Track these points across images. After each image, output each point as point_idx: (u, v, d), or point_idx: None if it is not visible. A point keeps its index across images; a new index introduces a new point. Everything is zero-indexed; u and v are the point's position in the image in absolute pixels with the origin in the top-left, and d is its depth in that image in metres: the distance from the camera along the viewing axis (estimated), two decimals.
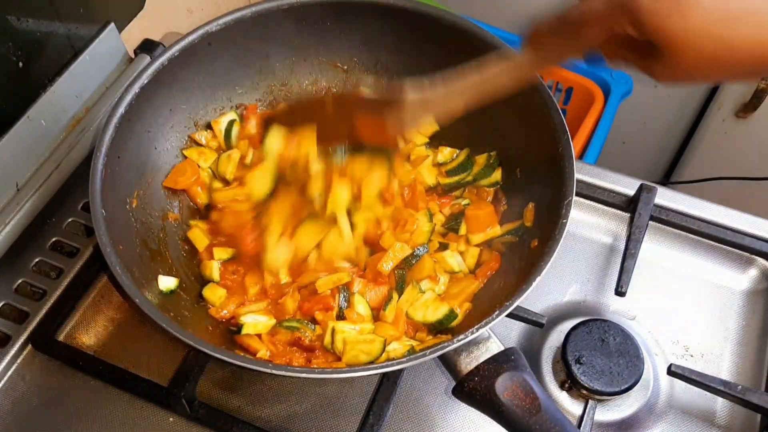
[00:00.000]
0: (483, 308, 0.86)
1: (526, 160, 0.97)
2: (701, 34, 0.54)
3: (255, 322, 0.88)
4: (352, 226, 0.92)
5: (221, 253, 0.94)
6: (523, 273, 0.85)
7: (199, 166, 1.01)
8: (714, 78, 0.58)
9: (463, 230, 0.97)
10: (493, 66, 0.76)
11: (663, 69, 0.58)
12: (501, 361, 0.76)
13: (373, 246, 0.95)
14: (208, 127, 1.05)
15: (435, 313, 0.88)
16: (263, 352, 0.85)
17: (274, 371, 0.73)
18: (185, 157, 1.01)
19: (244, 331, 0.86)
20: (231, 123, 1.04)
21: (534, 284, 0.77)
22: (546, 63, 0.74)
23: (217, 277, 0.93)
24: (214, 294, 0.92)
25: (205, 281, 0.94)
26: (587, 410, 0.90)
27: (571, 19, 0.64)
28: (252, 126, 1.05)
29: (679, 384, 0.93)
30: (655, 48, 0.57)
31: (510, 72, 0.75)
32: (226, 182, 1.01)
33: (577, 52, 0.68)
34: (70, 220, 1.05)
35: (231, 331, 0.88)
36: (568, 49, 0.69)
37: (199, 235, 0.96)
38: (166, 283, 0.89)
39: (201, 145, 1.03)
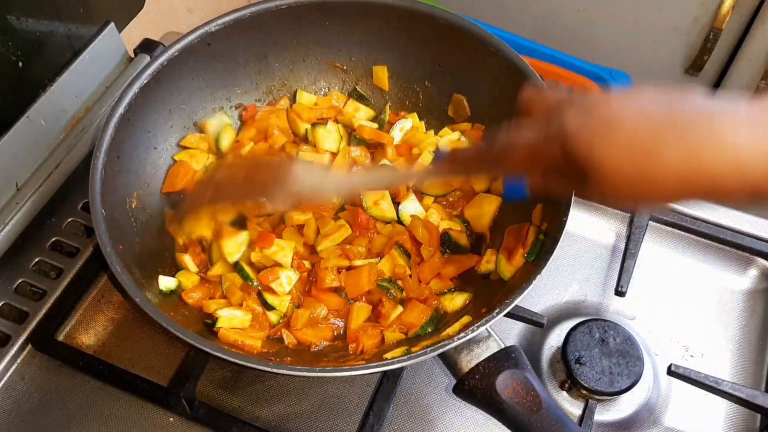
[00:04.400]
0: (483, 306, 0.86)
1: None
2: (621, 161, 0.56)
3: (231, 315, 0.88)
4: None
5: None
6: (523, 272, 0.85)
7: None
8: (642, 201, 0.62)
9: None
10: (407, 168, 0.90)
11: (589, 192, 0.61)
12: (501, 359, 0.76)
13: None
14: (200, 129, 1.04)
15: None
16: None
17: (274, 370, 0.73)
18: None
19: (219, 324, 0.86)
20: (223, 127, 1.03)
21: (534, 283, 0.77)
22: (461, 174, 0.83)
23: (193, 268, 0.94)
24: (186, 278, 0.92)
25: None
26: (587, 410, 0.90)
27: (497, 148, 0.67)
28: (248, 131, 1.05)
29: (679, 384, 0.93)
30: (581, 173, 0.59)
31: (420, 174, 0.90)
32: None
33: (499, 173, 0.77)
34: (70, 220, 1.05)
35: (207, 324, 0.88)
36: (488, 169, 0.77)
37: (177, 227, 0.96)
38: (166, 283, 0.89)
39: (190, 148, 1.02)
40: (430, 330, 0.88)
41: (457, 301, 0.91)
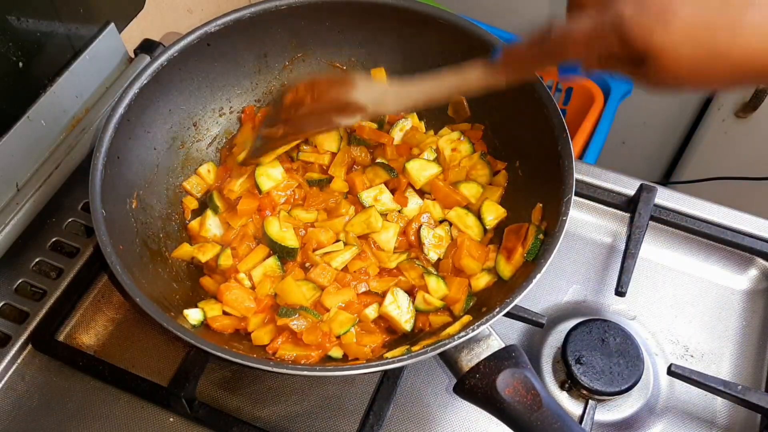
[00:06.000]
0: (483, 305, 0.87)
1: (526, 158, 0.97)
2: (682, 43, 0.57)
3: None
4: None
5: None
6: (523, 272, 0.85)
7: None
8: (702, 85, 0.63)
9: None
10: (461, 72, 0.80)
11: (649, 77, 0.62)
12: (502, 358, 0.76)
13: None
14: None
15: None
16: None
17: (274, 369, 0.73)
18: (185, 157, 1.02)
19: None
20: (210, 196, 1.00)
21: (534, 282, 0.77)
22: (517, 74, 0.78)
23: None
24: (210, 308, 0.89)
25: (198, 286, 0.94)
26: (587, 410, 0.90)
27: (553, 39, 0.67)
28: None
29: (679, 384, 0.93)
30: (640, 58, 0.60)
31: (478, 79, 0.79)
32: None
33: (553, 65, 0.72)
34: (70, 220, 1.05)
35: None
36: (543, 63, 0.74)
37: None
38: (195, 316, 0.87)
39: (193, 195, 1.01)
40: (472, 304, 0.89)
41: (481, 281, 0.91)
